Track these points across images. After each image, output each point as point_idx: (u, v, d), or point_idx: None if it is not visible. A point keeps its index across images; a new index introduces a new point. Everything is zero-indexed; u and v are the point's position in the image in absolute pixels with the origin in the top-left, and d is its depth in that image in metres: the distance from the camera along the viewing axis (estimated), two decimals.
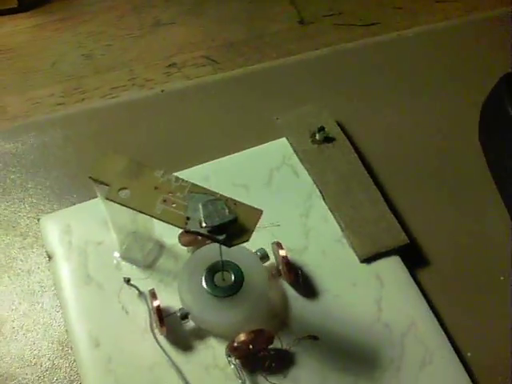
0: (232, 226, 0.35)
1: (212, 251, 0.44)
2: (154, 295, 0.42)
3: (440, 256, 0.49)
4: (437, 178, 0.53)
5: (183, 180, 0.38)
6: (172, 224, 0.36)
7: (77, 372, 0.44)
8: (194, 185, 0.37)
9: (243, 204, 0.37)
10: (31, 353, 0.45)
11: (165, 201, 0.37)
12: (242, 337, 0.41)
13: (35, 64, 0.62)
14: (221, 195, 0.37)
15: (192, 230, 0.35)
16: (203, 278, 0.44)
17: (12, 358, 0.45)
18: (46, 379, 0.44)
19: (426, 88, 0.58)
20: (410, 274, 0.47)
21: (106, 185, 0.37)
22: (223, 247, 0.40)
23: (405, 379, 0.43)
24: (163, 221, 0.36)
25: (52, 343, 0.46)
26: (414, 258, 0.48)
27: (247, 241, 0.36)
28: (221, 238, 0.35)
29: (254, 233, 0.46)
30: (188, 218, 0.36)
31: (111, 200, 0.37)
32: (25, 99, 0.59)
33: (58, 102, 0.59)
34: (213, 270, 0.44)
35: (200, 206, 0.36)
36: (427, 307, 0.45)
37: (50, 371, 0.45)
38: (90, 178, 0.38)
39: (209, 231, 0.35)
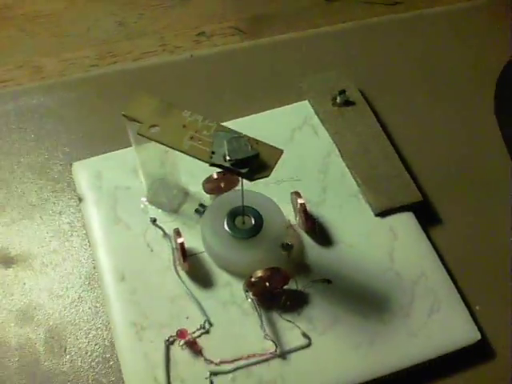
0: (254, 161, 0.38)
1: (233, 197, 0.47)
2: (178, 233, 0.45)
3: (452, 216, 0.51)
4: (451, 146, 0.55)
5: (209, 120, 0.40)
6: (198, 158, 0.39)
7: (102, 304, 0.47)
8: (219, 125, 0.40)
9: (265, 143, 0.39)
10: (59, 286, 0.48)
11: (192, 138, 0.39)
12: (259, 273, 0.44)
13: (71, 29, 0.65)
14: (244, 135, 0.39)
15: (216, 163, 0.38)
16: (225, 221, 0.46)
17: (40, 289, 0.48)
18: (72, 310, 0.47)
19: (444, 64, 0.61)
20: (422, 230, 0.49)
21: (138, 122, 0.40)
22: (244, 194, 0.43)
23: (413, 324, 0.45)
24: (190, 155, 0.39)
25: (79, 278, 0.48)
26: (426, 216, 0.51)
27: (267, 176, 0.38)
28: (243, 171, 0.38)
29: (274, 185, 0.49)
30: (213, 153, 0.38)
31: (142, 135, 0.40)
32: (60, 60, 0.62)
33: (91, 63, 0.62)
34: (234, 214, 0.46)
35: (225, 142, 0.38)
36: (438, 260, 0.48)
37: (76, 303, 0.47)
38: (124, 115, 0.40)
39: (232, 164, 0.38)
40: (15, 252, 0.49)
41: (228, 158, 0.37)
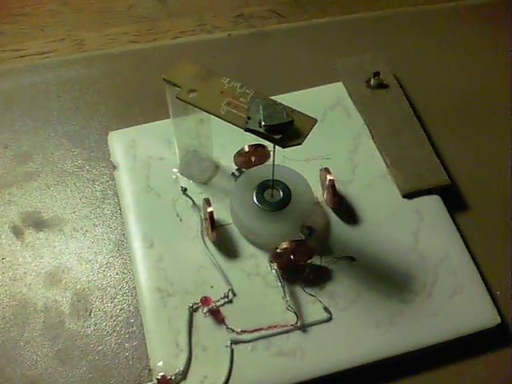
0: (288, 128, 0.38)
1: (263, 171, 0.48)
2: (208, 202, 0.46)
3: (479, 201, 0.51)
4: (482, 128, 0.55)
5: (247, 88, 0.41)
6: (233, 123, 0.39)
7: (129, 270, 0.48)
8: (256, 92, 0.41)
9: (300, 112, 0.40)
10: (88, 251, 0.49)
11: (229, 104, 0.40)
12: (285, 244, 0.44)
13: (113, 5, 0.66)
14: (280, 103, 0.40)
15: (251, 128, 0.39)
16: (254, 194, 0.47)
17: (70, 253, 0.49)
18: (100, 274, 0.48)
19: (480, 52, 0.61)
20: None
21: (178, 86, 0.41)
22: (275, 168, 0.44)
23: (434, 305, 0.45)
24: (226, 120, 0.40)
25: (109, 244, 0.50)
26: (453, 200, 0.51)
27: (300, 144, 0.39)
28: (277, 137, 0.38)
29: (304, 162, 0.50)
30: (249, 118, 0.39)
31: (180, 99, 0.40)
32: (101, 35, 0.64)
33: (131, 39, 0.63)
34: (263, 188, 0.47)
35: (260, 108, 0.39)
36: (462, 243, 0.48)
37: (104, 268, 0.48)
38: (164, 79, 0.41)
39: (266, 130, 0.38)
40: (47, 216, 0.51)
41: (263, 123, 0.38)
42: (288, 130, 0.39)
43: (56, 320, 0.46)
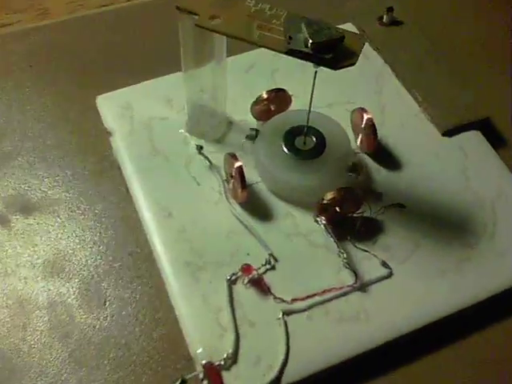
0: (338, 46, 0.32)
1: (288, 118, 0.42)
2: (234, 157, 0.39)
3: None
4: (504, 56, 0.51)
5: (278, 8, 0.35)
6: (271, 48, 0.33)
7: (145, 246, 0.41)
8: (290, 13, 0.34)
9: (344, 30, 0.34)
10: (91, 231, 0.42)
11: (260, 27, 0.34)
12: (331, 194, 0.38)
13: None
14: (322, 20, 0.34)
15: (296, 48, 0.32)
16: (283, 143, 0.41)
17: (69, 237, 0.42)
18: (109, 257, 0.41)
19: None
20: None
21: (195, 14, 0.34)
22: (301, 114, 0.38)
23: (500, 245, 0.40)
24: (262, 45, 0.33)
25: (114, 221, 0.42)
26: (491, 134, 0.46)
27: (354, 64, 0.33)
28: (328, 56, 0.32)
29: (327, 109, 0.44)
30: (290, 38, 0.33)
31: (202, 27, 0.34)
32: (67, 2, 0.56)
33: (102, 3, 0.56)
34: (292, 135, 0.41)
35: (303, 26, 0.33)
36: None
37: (112, 248, 0.41)
38: (178, 8, 0.35)
39: (314, 49, 0.32)
40: (35, 198, 0.43)
41: (310, 41, 0.32)
42: (338, 49, 0.33)
43: (64, 316, 0.39)
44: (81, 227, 0.42)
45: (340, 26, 0.48)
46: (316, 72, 0.35)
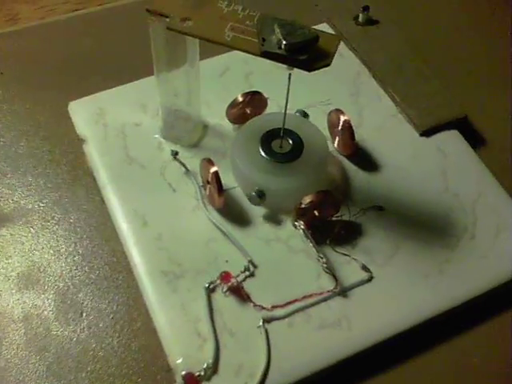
0: (312, 46, 0.32)
1: (264, 121, 0.41)
2: (210, 162, 0.38)
3: (496, 132, 0.46)
4: (484, 54, 0.51)
5: (251, 9, 0.34)
6: (245, 50, 0.33)
7: (120, 256, 0.40)
8: (263, 14, 0.34)
9: (319, 30, 0.33)
10: (65, 242, 0.41)
11: (233, 29, 0.33)
12: (309, 198, 0.38)
13: None
14: (296, 21, 0.33)
15: (270, 50, 0.32)
16: (259, 146, 0.40)
17: (43, 248, 0.41)
18: (84, 267, 0.40)
19: None
20: None
21: (166, 17, 0.34)
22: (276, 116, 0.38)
23: (481, 246, 0.39)
24: (235, 48, 0.33)
25: (89, 231, 0.41)
26: (470, 134, 0.45)
27: (329, 65, 0.32)
28: (302, 57, 0.31)
29: (305, 109, 0.43)
30: (264, 40, 0.32)
31: (173, 29, 0.33)
32: (36, 7, 0.55)
33: (73, 8, 0.55)
34: (269, 138, 0.40)
35: (276, 27, 0.32)
36: (493, 177, 0.43)
37: (88, 258, 0.40)
38: (148, 10, 0.34)
39: (288, 50, 0.31)
40: (8, 208, 0.42)
41: (284, 42, 0.31)
42: (313, 50, 0.32)
43: (40, 329, 0.38)
44: (55, 237, 0.41)
45: (315, 27, 0.48)
46: (290, 74, 0.34)
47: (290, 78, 0.35)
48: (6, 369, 0.36)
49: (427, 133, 0.44)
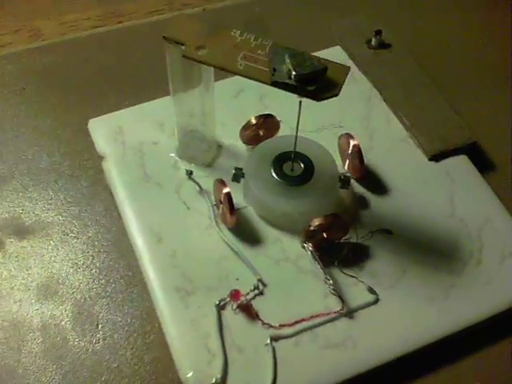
0: (321, 77, 0.33)
1: (276, 144, 0.43)
2: (223, 183, 0.40)
3: (505, 158, 0.47)
4: (494, 80, 0.52)
5: (263, 38, 0.35)
6: (255, 79, 0.34)
7: (136, 271, 0.41)
8: (275, 43, 0.35)
9: (329, 60, 0.34)
10: (83, 255, 0.43)
11: (245, 57, 0.35)
12: (318, 221, 0.39)
13: None
14: (306, 51, 0.34)
15: (279, 80, 0.33)
16: (271, 169, 0.41)
17: (62, 260, 0.42)
18: (101, 280, 0.42)
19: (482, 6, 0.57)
20: None
21: (182, 44, 0.35)
22: (289, 139, 0.39)
23: (486, 272, 0.41)
24: (246, 76, 0.34)
25: (107, 245, 0.43)
26: (479, 159, 0.46)
27: (337, 95, 0.34)
28: (311, 88, 0.33)
29: (315, 133, 0.45)
30: (274, 70, 0.33)
31: (188, 57, 0.35)
32: (59, 23, 0.57)
33: (94, 25, 0.57)
34: (280, 161, 0.42)
35: (286, 58, 0.33)
36: (500, 204, 0.44)
37: (105, 272, 0.42)
38: (164, 37, 0.35)
39: (298, 80, 0.33)
40: (29, 221, 0.44)
41: (293, 73, 0.33)
42: (321, 80, 0.33)
43: (57, 338, 0.39)
44: (74, 251, 0.43)
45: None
46: (301, 102, 0.35)
47: (300, 106, 0.36)
48: (23, 376, 0.38)
49: (436, 158, 0.45)
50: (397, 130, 0.46)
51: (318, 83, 0.33)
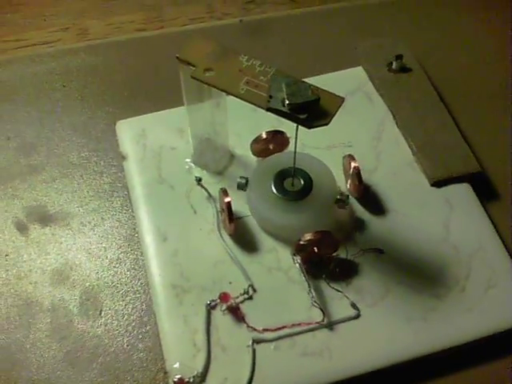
0: (314, 106, 0.35)
1: (281, 159, 0.45)
2: (225, 192, 0.43)
3: (510, 190, 0.48)
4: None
5: (267, 65, 0.38)
6: (254, 103, 0.36)
7: (140, 266, 0.45)
8: (277, 70, 0.38)
9: (325, 90, 0.37)
10: (97, 246, 0.46)
11: (248, 83, 0.37)
12: (309, 236, 0.41)
13: None
14: (304, 81, 0.37)
15: (273, 107, 0.36)
16: (272, 183, 0.44)
17: (78, 249, 0.46)
18: (110, 271, 0.45)
19: (504, 33, 0.58)
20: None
21: (193, 66, 0.38)
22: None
23: (469, 300, 0.42)
24: (246, 100, 0.37)
25: (119, 239, 0.47)
26: (483, 188, 0.48)
27: (327, 124, 0.36)
28: (302, 117, 0.35)
29: (325, 150, 0.47)
30: (271, 97, 0.36)
31: (196, 78, 0.38)
32: (106, 24, 0.61)
33: (137, 28, 0.61)
34: (282, 176, 0.44)
35: (283, 86, 0.36)
36: (495, 234, 0.45)
37: (114, 264, 0.46)
38: (178, 58, 0.39)
39: (290, 109, 0.35)
40: (53, 210, 0.48)
41: (287, 102, 0.35)
42: (314, 110, 0.36)
43: (64, 320, 0.43)
44: (89, 241, 0.47)
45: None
46: (297, 126, 0.38)
47: (297, 129, 0.38)
48: (30, 350, 0.42)
49: (438, 184, 0.46)
50: (404, 154, 0.48)
51: (310, 112, 0.36)
